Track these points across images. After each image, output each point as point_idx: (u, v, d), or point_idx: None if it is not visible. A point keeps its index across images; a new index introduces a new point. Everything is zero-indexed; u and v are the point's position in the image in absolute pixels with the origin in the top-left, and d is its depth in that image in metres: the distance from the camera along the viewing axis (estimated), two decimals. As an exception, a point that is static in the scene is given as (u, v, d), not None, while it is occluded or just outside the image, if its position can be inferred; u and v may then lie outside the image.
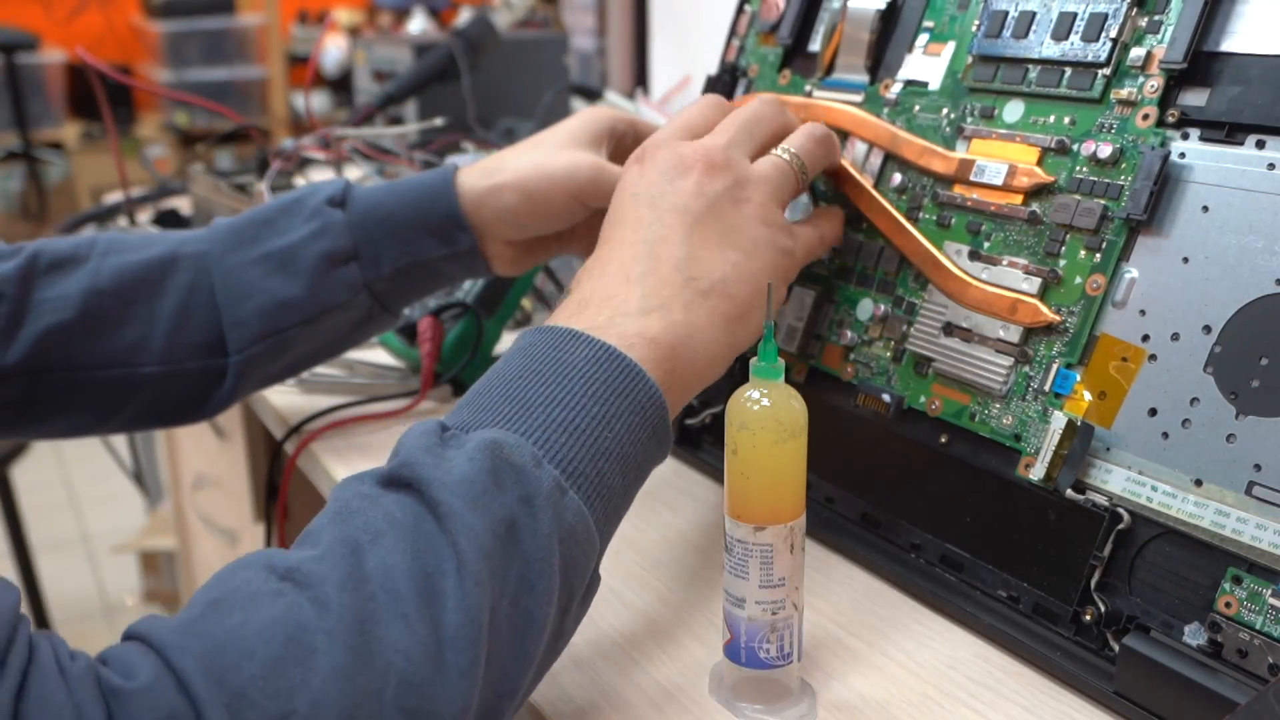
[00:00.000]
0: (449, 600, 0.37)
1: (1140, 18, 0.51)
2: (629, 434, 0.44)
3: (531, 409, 0.43)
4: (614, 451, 0.43)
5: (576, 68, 1.99)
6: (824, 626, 0.52)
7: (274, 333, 0.62)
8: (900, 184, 0.60)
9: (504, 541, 0.39)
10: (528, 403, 0.43)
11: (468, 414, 0.44)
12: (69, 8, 3.26)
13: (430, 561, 0.38)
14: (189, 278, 0.63)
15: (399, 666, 0.36)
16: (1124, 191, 0.50)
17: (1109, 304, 0.49)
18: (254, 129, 1.09)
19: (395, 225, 0.63)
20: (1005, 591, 0.51)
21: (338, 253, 0.62)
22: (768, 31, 0.70)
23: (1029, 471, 0.50)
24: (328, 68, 3.65)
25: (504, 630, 0.39)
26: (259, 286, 0.62)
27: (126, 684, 0.34)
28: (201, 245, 0.64)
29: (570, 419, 0.43)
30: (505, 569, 0.39)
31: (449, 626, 0.37)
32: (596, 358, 0.44)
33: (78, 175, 3.45)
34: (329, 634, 0.35)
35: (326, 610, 0.36)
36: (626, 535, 0.60)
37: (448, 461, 0.40)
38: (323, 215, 0.63)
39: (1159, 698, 0.43)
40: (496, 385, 0.45)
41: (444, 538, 0.38)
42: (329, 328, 0.64)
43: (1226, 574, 0.43)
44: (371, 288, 0.64)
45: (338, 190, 0.64)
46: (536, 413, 0.43)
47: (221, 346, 0.63)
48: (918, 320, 0.57)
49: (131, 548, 2.08)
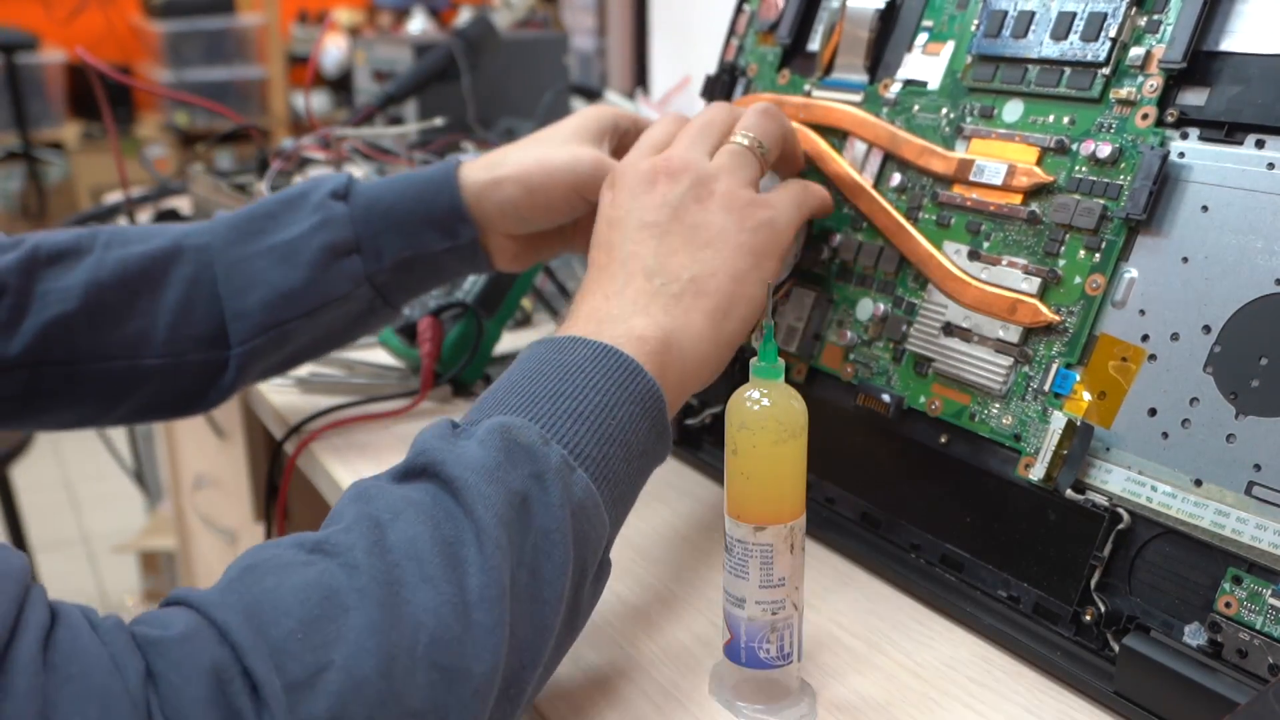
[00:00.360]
0: (471, 565, 0.39)
1: (1139, 17, 0.51)
2: (631, 423, 0.46)
3: (537, 401, 0.45)
4: (617, 438, 0.46)
5: (576, 68, 1.99)
6: (824, 626, 0.52)
7: (275, 325, 0.63)
8: (900, 184, 0.59)
9: (519, 512, 0.41)
10: (533, 396, 0.46)
11: (475, 414, 0.46)
12: (69, 8, 3.26)
13: (450, 531, 0.40)
14: (191, 270, 0.63)
15: (429, 624, 0.37)
16: (1123, 191, 0.50)
17: (1108, 304, 0.49)
18: (254, 129, 1.09)
19: (397, 218, 0.63)
20: (1005, 591, 0.51)
21: (340, 245, 0.63)
22: (766, 31, 0.70)
23: (1029, 472, 0.50)
24: (328, 68, 3.65)
25: (524, 598, 0.40)
26: (262, 279, 0.62)
27: (165, 634, 0.35)
28: (204, 238, 0.64)
29: (574, 407, 0.45)
30: (521, 539, 0.41)
31: (473, 589, 0.39)
32: (595, 355, 0.47)
33: (77, 175, 3.45)
34: (361, 592, 0.37)
35: (357, 572, 0.37)
36: (626, 535, 0.60)
37: (460, 446, 0.43)
38: (325, 208, 0.63)
39: (1159, 698, 0.43)
40: (501, 389, 0.47)
41: (461, 510, 0.40)
42: (329, 320, 0.64)
43: (1226, 574, 0.43)
44: (373, 280, 0.64)
45: (340, 184, 0.64)
46: (542, 404, 0.45)
47: (224, 339, 0.63)
48: (917, 320, 0.57)
49: (131, 548, 2.09)
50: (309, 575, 0.37)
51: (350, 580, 0.37)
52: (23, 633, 0.33)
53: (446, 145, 1.29)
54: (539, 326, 0.95)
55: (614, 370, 0.47)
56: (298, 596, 0.36)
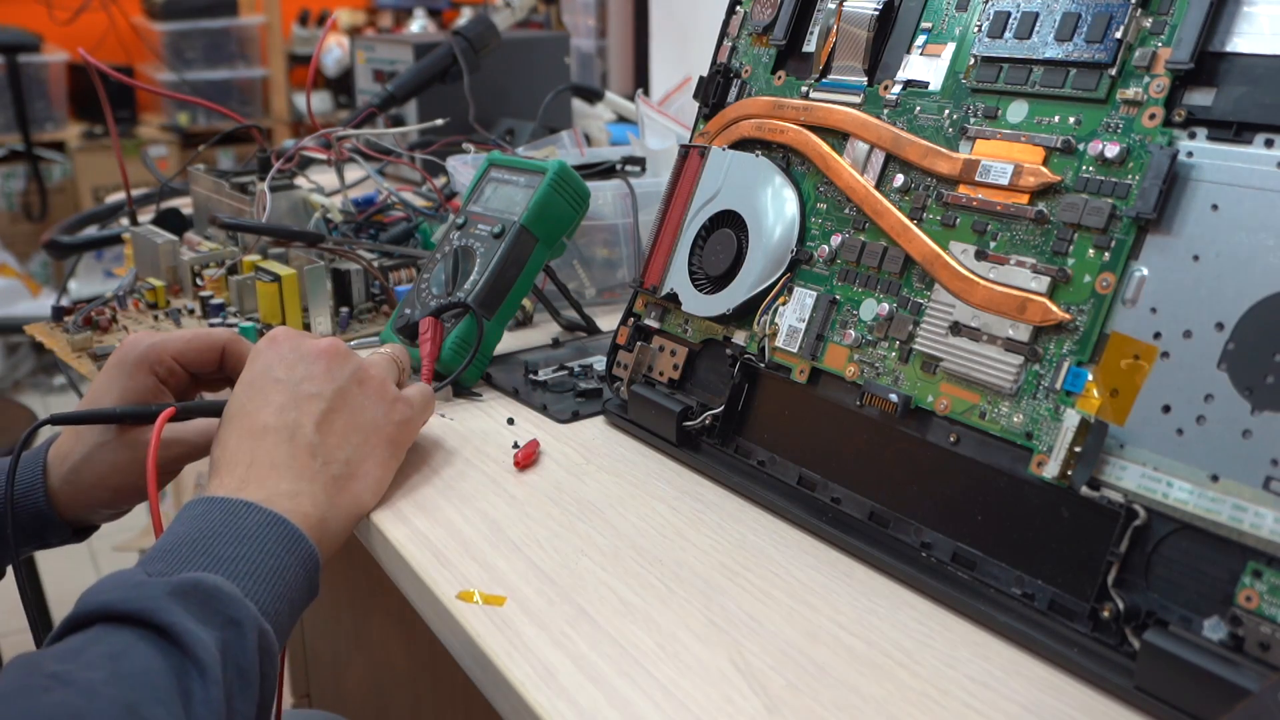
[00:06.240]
0: (197, 696, 0.45)
1: (1145, 18, 0.51)
2: (297, 582, 0.53)
3: (222, 561, 0.51)
4: (286, 595, 0.52)
5: (576, 68, 1.99)
6: (823, 626, 0.51)
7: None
8: (903, 185, 0.59)
9: (223, 654, 0.47)
10: (218, 556, 0.51)
11: (163, 565, 0.50)
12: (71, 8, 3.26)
13: (177, 664, 0.45)
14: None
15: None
16: (1132, 191, 0.49)
17: (1119, 302, 0.49)
18: (255, 129, 1.09)
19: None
20: (1019, 589, 0.51)
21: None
22: (760, 32, 0.70)
23: (1041, 469, 0.50)
24: (328, 68, 3.65)
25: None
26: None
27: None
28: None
29: (253, 569, 0.52)
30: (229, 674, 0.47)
31: (199, 714, 0.45)
32: (269, 522, 0.54)
33: (79, 175, 3.45)
34: (103, 714, 0.41)
35: (97, 697, 0.42)
36: (626, 534, 0.59)
37: (163, 600, 0.47)
38: None
39: (1182, 692, 0.43)
40: (181, 544, 0.51)
41: (179, 650, 0.46)
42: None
43: (1246, 568, 0.43)
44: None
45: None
46: (227, 564, 0.51)
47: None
48: (924, 320, 0.56)
49: (132, 547, 2.08)
50: (52, 701, 0.41)
51: (90, 704, 0.42)
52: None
53: (447, 145, 1.29)
54: (539, 326, 0.95)
55: (286, 539, 0.53)
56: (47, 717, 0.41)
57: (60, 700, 0.41)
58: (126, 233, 1.05)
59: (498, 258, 0.78)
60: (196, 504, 0.54)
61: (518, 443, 0.71)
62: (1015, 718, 0.45)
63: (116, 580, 0.48)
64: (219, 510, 0.53)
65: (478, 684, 0.51)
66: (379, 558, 0.62)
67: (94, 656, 0.44)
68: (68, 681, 0.42)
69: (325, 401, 0.60)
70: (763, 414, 0.66)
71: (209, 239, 1.03)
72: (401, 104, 1.34)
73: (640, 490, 0.65)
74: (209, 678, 0.45)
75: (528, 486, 0.65)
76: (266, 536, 0.53)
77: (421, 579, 0.56)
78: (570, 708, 0.46)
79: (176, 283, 0.98)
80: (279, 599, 0.52)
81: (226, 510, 0.53)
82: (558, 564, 0.57)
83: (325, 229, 0.99)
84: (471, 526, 0.61)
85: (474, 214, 0.83)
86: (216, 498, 0.55)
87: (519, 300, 0.81)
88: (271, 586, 0.51)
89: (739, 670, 0.48)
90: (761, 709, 0.46)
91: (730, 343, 0.67)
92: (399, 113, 1.49)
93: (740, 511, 0.62)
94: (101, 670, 0.43)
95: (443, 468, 0.68)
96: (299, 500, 0.56)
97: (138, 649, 0.45)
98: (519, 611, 0.53)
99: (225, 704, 0.45)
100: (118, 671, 0.43)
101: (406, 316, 0.80)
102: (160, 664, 0.44)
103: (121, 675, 0.43)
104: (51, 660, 0.44)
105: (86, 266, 3.04)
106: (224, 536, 0.52)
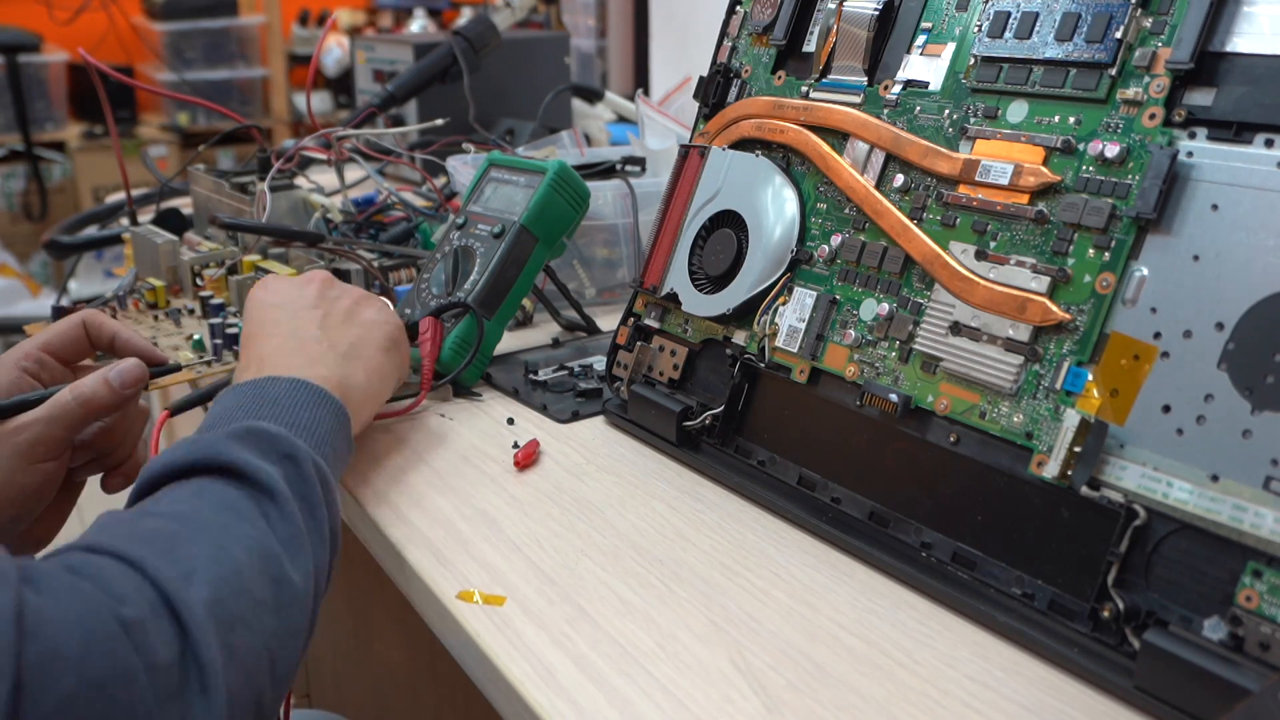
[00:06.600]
0: (273, 516, 0.49)
1: (1145, 18, 0.51)
2: (331, 433, 0.57)
3: (264, 417, 0.55)
4: (328, 440, 0.57)
5: (576, 68, 1.99)
6: (823, 626, 0.51)
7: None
8: (903, 184, 0.59)
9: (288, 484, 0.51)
10: (258, 414, 0.55)
11: (207, 427, 0.55)
12: (71, 8, 3.26)
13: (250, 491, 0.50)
14: None
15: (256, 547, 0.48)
16: (1132, 190, 0.49)
17: (1119, 302, 0.49)
18: (255, 129, 1.09)
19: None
20: (1019, 589, 0.51)
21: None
22: (760, 32, 0.70)
23: (1041, 469, 0.50)
24: (329, 68, 3.65)
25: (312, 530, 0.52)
26: None
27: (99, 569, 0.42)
28: None
29: (293, 419, 0.56)
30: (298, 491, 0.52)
31: (280, 531, 0.49)
32: (294, 385, 0.58)
33: (79, 175, 3.44)
34: (199, 531, 0.46)
35: (188, 521, 0.47)
36: (626, 534, 0.59)
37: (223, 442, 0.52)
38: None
39: (1182, 692, 0.43)
40: (223, 414, 0.56)
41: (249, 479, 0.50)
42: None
43: (1246, 568, 0.43)
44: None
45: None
46: (269, 417, 0.55)
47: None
48: (924, 320, 0.56)
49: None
50: (149, 525, 0.46)
51: (184, 527, 0.46)
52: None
53: (447, 145, 1.29)
54: (539, 326, 0.95)
55: (313, 396, 0.58)
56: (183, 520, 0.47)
57: (156, 526, 0.46)
58: (126, 233, 1.05)
59: (498, 258, 0.78)
60: (225, 393, 0.58)
61: (518, 443, 0.71)
62: (1015, 718, 0.45)
63: (174, 447, 0.52)
64: (247, 388, 0.58)
65: (478, 684, 0.51)
66: (379, 558, 0.62)
67: (176, 497, 0.49)
68: (158, 514, 0.47)
69: (322, 310, 0.66)
70: (763, 414, 0.66)
71: (209, 239, 1.03)
72: (401, 104, 1.34)
73: (640, 490, 0.65)
74: (280, 500, 0.50)
75: (528, 486, 0.65)
76: (296, 396, 0.57)
77: (421, 579, 0.56)
78: (570, 707, 0.46)
79: (176, 283, 0.98)
80: (321, 443, 0.56)
81: (254, 386, 0.58)
82: (558, 564, 0.57)
83: (325, 229, 0.99)
84: (471, 526, 0.61)
85: (474, 214, 0.83)
86: (242, 381, 0.59)
87: (519, 300, 0.80)
88: (313, 434, 0.56)
89: (739, 670, 0.48)
90: (761, 709, 0.46)
91: (730, 343, 0.67)
92: (399, 113, 1.49)
93: (740, 511, 0.62)
94: (187, 504, 0.48)
95: (443, 467, 0.68)
96: (315, 368, 0.61)
97: (214, 486, 0.49)
98: (519, 611, 0.53)
99: (301, 523, 0.50)
100: (201, 504, 0.48)
101: (407, 316, 0.80)
102: (236, 493, 0.49)
103: (206, 506, 0.48)
104: (135, 510, 0.48)
105: (86, 266, 3.04)
106: (259, 400, 0.56)
